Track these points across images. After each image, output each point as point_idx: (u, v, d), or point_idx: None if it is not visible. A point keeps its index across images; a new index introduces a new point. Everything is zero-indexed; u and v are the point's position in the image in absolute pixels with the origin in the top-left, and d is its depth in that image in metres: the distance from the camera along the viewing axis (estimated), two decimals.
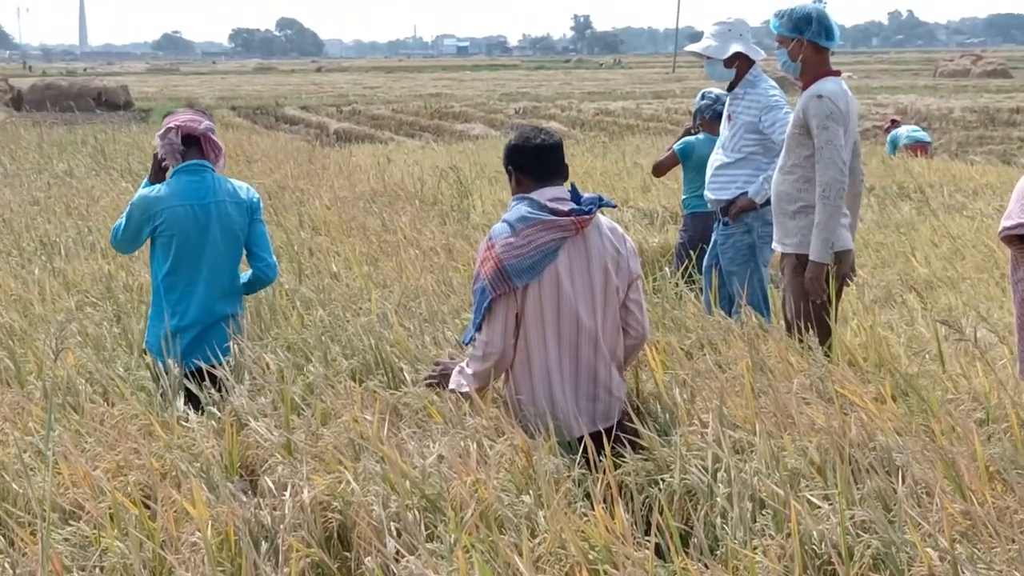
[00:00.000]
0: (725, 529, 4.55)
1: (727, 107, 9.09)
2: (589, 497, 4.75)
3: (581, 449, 5.26)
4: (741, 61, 8.99)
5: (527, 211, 5.71)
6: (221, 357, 6.73)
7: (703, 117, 10.63)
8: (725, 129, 9.07)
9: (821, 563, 4.25)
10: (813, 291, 7.33)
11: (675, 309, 7.64)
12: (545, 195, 5.74)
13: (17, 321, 7.89)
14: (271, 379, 6.22)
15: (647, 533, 4.52)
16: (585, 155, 21.40)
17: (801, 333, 6.96)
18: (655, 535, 4.33)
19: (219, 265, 6.97)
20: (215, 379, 6.41)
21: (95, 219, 12.11)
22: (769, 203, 8.20)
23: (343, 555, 4.64)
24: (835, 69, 7.51)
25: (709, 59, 9.07)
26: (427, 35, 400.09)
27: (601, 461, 4.85)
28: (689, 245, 10.37)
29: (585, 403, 5.78)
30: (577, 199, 5.74)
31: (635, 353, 6.07)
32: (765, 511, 4.59)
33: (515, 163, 5.92)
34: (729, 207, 8.92)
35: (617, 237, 5.90)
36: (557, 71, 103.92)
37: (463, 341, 6.34)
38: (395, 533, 4.42)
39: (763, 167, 8.82)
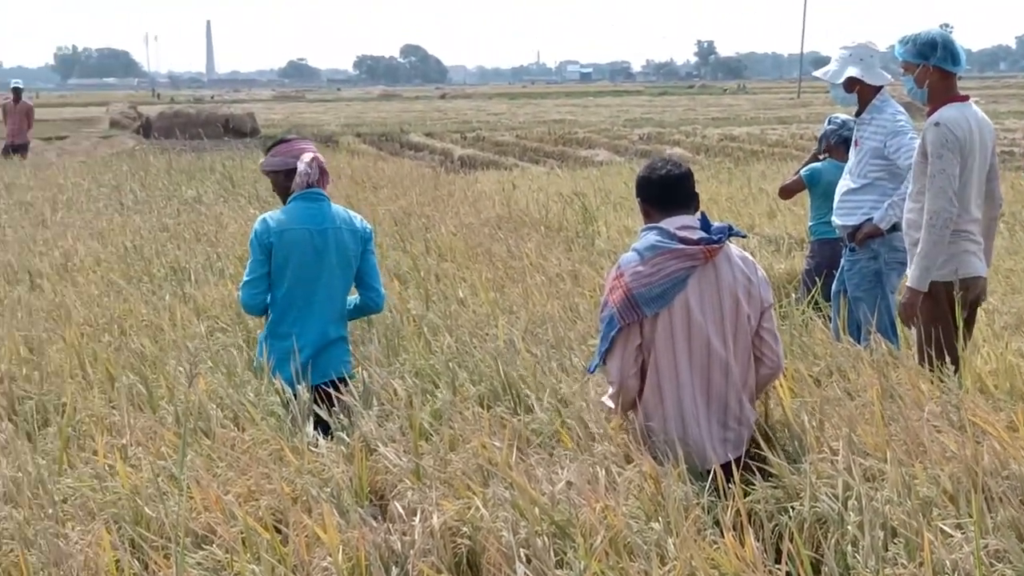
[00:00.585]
0: (856, 558, 4.51)
1: (855, 132, 9.01)
2: (719, 525, 4.72)
3: (711, 477, 5.24)
4: (865, 87, 8.90)
5: (656, 240, 5.70)
6: (333, 376, 6.96)
7: (829, 143, 10.54)
8: (852, 155, 9.00)
9: None
10: (904, 317, 7.27)
11: (803, 336, 7.58)
12: (674, 223, 5.74)
13: (148, 347, 8.02)
14: (399, 405, 6.26)
15: (777, 561, 4.49)
16: (710, 181, 21.29)
17: (931, 361, 6.89)
18: (785, 563, 4.30)
19: (333, 289, 7.10)
20: (325, 397, 6.54)
21: (224, 245, 12.26)
22: (896, 229, 8.12)
23: None
24: (963, 94, 7.41)
25: (834, 84, 9.01)
26: (551, 61, 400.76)
27: (731, 489, 4.83)
28: (816, 272, 10.27)
29: (717, 431, 5.75)
30: (707, 228, 5.74)
31: (768, 383, 6.03)
32: (897, 540, 4.54)
33: (643, 194, 5.95)
34: (855, 233, 8.84)
35: (748, 266, 5.87)
36: (681, 97, 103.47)
37: (589, 370, 6.35)
38: (524, 559, 4.42)
39: (889, 192, 8.72)
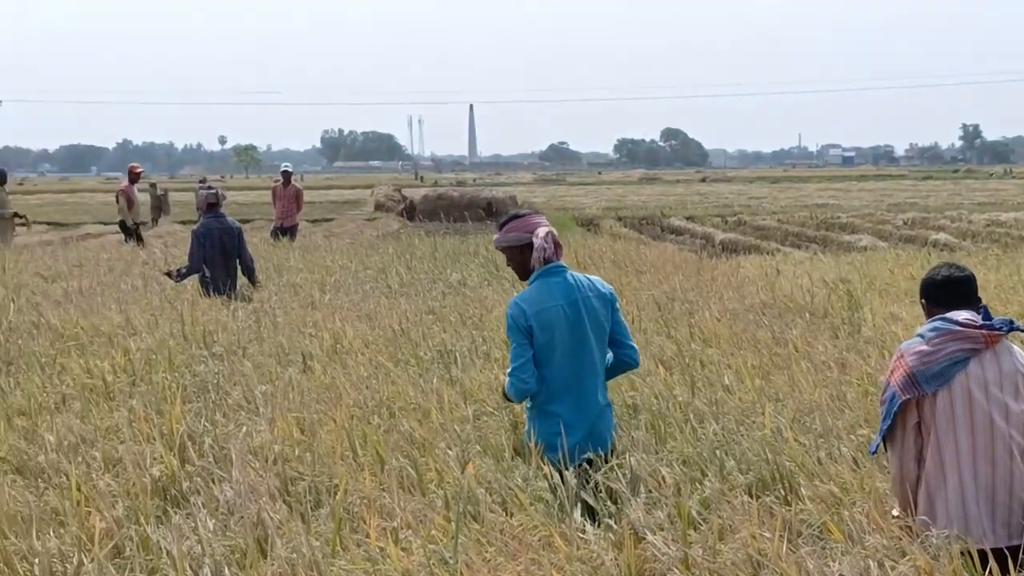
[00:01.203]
0: None
1: None
2: None
3: (989, 564, 5.10)
4: None
5: (939, 323, 5.83)
6: (608, 442, 7.02)
7: None
8: None
9: None
10: None
11: None
12: (958, 315, 5.84)
13: (417, 430, 8.12)
14: (667, 492, 6.23)
15: None
16: (977, 268, 20.79)
17: None
18: None
19: (594, 359, 7.15)
20: (594, 465, 6.58)
21: (489, 329, 12.38)
22: None
23: None
24: None
25: None
26: (812, 144, 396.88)
27: None
28: None
29: (1001, 514, 5.64)
30: (989, 319, 5.80)
31: None
32: None
33: (927, 296, 6.13)
34: None
35: None
36: (945, 181, 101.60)
37: (870, 451, 6.30)
38: None
39: None
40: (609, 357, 7.37)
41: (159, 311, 14.28)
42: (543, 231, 7.17)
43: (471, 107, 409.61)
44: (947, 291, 6.01)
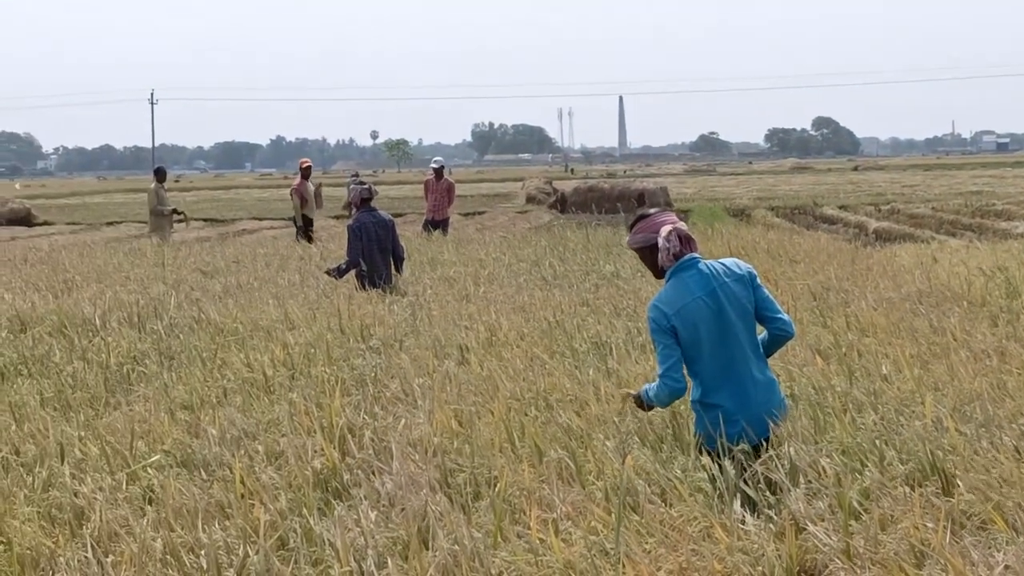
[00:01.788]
0: None
1: None
2: None
3: None
4: None
5: None
6: (776, 417, 7.03)
7: None
8: None
9: None
10: None
11: None
12: None
13: (575, 421, 8.15)
14: (827, 483, 6.19)
15: None
16: None
17: None
18: None
19: (744, 343, 7.12)
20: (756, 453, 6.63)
21: (643, 320, 12.34)
22: None
23: None
24: None
25: None
26: (965, 131, 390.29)
27: None
28: None
29: None
30: None
31: None
32: None
33: None
34: None
35: None
36: None
37: None
38: None
39: None
40: (763, 336, 7.35)
41: (316, 305, 14.47)
42: (666, 229, 7.13)
43: (620, 98, 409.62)
44: None
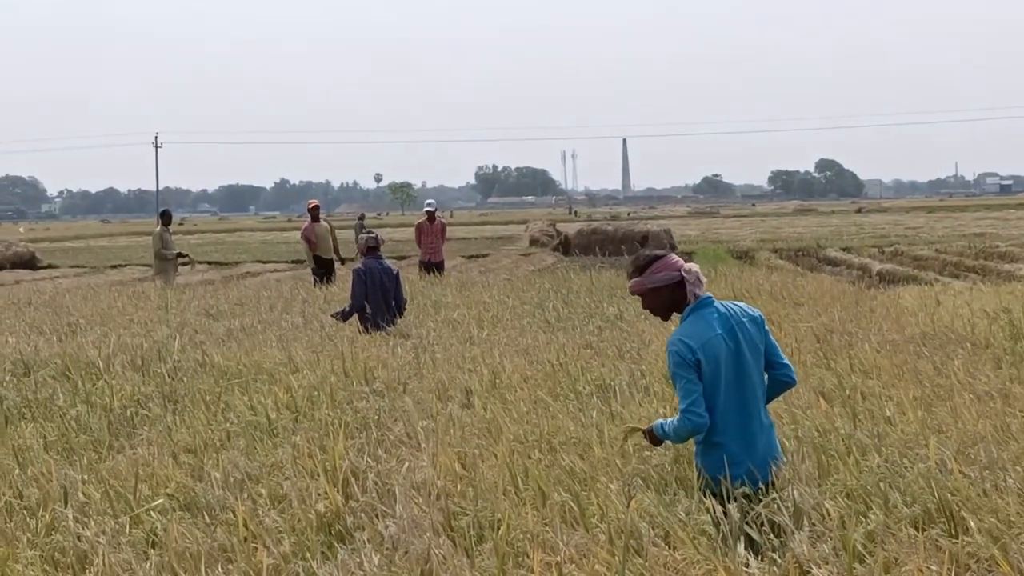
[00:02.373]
0: None
1: None
2: None
3: None
4: None
5: None
6: (777, 460, 7.06)
7: None
8: None
9: None
10: None
11: None
12: None
13: (578, 464, 8.14)
14: (831, 526, 6.18)
15: None
16: None
17: None
18: None
19: (755, 383, 7.14)
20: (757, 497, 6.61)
21: (647, 363, 12.37)
22: None
23: None
24: None
25: None
26: (969, 173, 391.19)
27: None
28: None
29: None
30: None
31: None
32: None
33: None
34: None
35: None
36: None
37: None
38: None
39: None
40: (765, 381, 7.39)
41: (320, 348, 14.49)
42: (690, 265, 7.20)
43: (624, 141, 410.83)
44: None
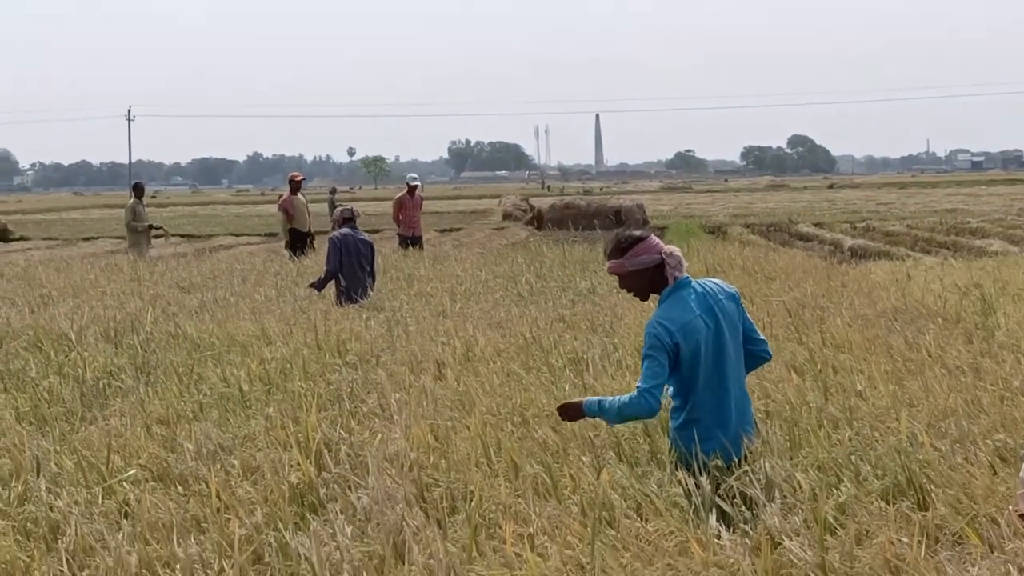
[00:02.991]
0: None
1: None
2: None
3: None
4: None
5: None
6: (750, 431, 7.15)
7: None
8: None
9: None
10: None
11: None
12: None
13: (550, 436, 8.15)
14: (803, 498, 6.21)
15: None
16: None
17: None
18: None
19: (734, 360, 7.19)
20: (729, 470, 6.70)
21: (620, 336, 12.39)
22: None
23: None
24: None
25: None
26: (940, 150, 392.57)
27: None
28: None
29: None
30: None
31: None
32: None
33: None
34: None
35: None
36: None
37: None
38: None
39: None
40: None
41: (292, 320, 14.48)
42: (671, 248, 7.21)
43: (597, 116, 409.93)
44: None
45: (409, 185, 29.31)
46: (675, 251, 7.20)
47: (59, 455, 8.37)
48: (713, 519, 6.09)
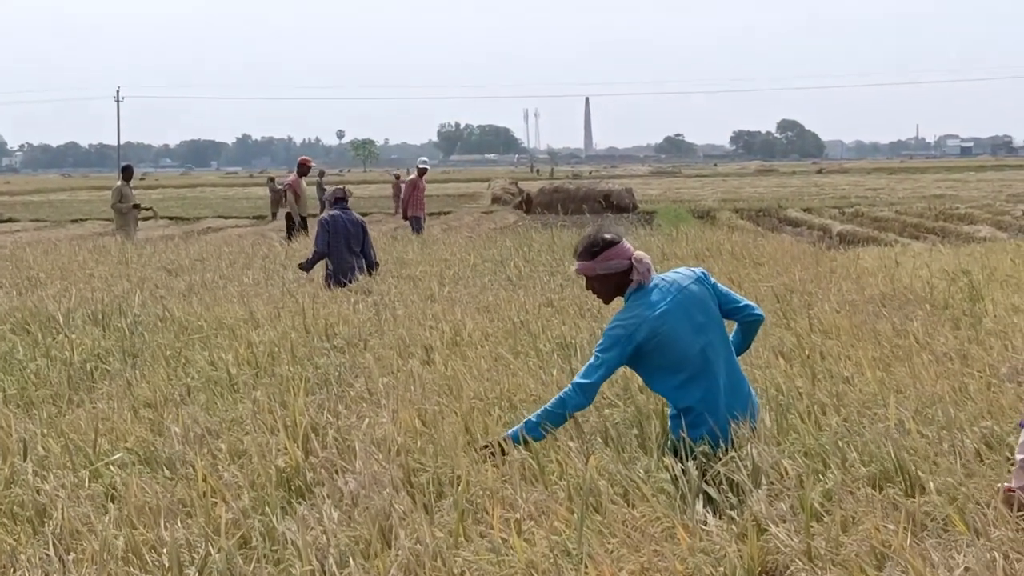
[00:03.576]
0: None
1: None
2: None
3: None
4: None
5: None
6: (742, 418, 7.12)
7: None
8: None
9: None
10: None
11: None
12: None
13: None
14: (789, 484, 6.22)
15: None
16: None
17: None
18: None
19: (717, 343, 7.22)
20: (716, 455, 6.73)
21: (608, 320, 12.35)
22: None
23: None
24: None
25: None
26: (929, 136, 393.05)
27: None
28: None
29: None
30: None
31: None
32: None
33: None
34: None
35: None
36: None
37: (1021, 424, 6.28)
38: None
39: None
40: (734, 330, 7.52)
41: (280, 304, 14.45)
42: (640, 254, 7.31)
43: (587, 100, 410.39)
44: None
45: (420, 168, 30.93)
46: (644, 257, 7.25)
47: (46, 438, 8.34)
48: (700, 505, 6.11)
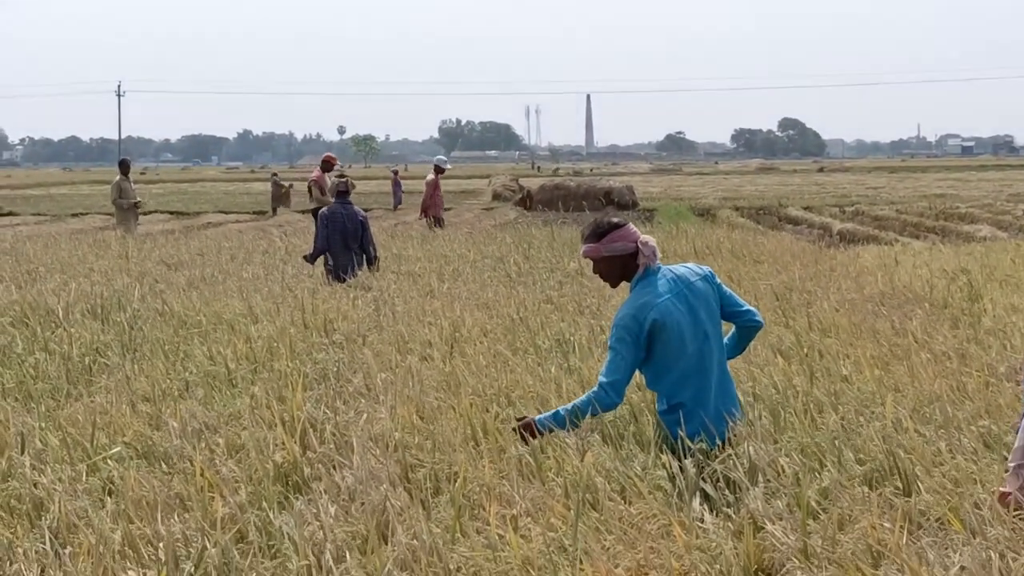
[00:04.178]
0: None
1: None
2: None
3: None
4: None
5: None
6: (735, 411, 7.22)
7: None
8: None
9: None
10: None
11: None
12: None
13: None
14: (786, 482, 6.22)
15: None
16: None
17: None
18: None
19: (713, 341, 7.23)
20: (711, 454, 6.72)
21: (607, 318, 12.35)
22: None
23: None
24: None
25: None
26: (930, 135, 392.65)
27: None
28: None
29: None
30: None
31: None
32: None
33: None
34: None
35: None
36: None
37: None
38: None
39: None
40: (731, 332, 7.56)
41: (280, 299, 14.46)
42: (646, 238, 7.27)
43: (588, 97, 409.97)
44: None
45: (439, 167, 31.74)
46: (650, 241, 7.24)
47: (44, 432, 8.35)
48: (696, 502, 6.11)
